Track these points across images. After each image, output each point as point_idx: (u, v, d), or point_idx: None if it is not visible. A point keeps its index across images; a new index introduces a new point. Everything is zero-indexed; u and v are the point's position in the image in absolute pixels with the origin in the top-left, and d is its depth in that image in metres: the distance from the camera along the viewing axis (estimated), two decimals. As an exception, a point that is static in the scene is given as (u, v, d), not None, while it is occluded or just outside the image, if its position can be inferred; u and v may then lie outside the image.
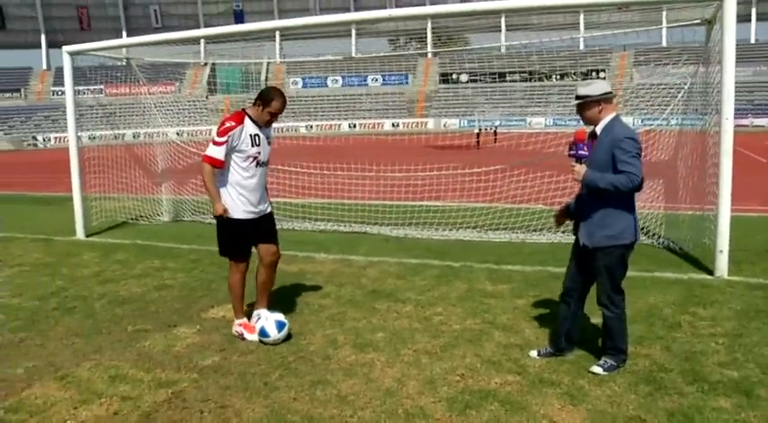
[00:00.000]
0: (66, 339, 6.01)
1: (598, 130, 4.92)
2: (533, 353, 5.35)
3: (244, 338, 5.89)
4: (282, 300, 7.05)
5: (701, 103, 9.03)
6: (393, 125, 66.28)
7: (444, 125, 64.31)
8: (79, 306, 7.09)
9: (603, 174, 4.73)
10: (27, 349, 5.79)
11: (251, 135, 5.77)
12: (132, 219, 12.78)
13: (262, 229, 6.03)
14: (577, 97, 4.94)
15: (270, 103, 5.77)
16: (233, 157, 5.78)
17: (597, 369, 4.95)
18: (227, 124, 5.70)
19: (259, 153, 5.85)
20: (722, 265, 7.83)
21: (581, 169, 4.82)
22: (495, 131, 40.83)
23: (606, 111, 4.89)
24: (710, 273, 7.87)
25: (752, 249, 8.92)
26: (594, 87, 4.90)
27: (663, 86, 10.67)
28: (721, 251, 7.84)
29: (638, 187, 4.67)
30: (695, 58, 9.43)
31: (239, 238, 5.93)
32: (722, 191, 7.90)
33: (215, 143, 5.70)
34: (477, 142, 37.21)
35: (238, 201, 5.83)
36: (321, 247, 9.79)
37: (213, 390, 4.81)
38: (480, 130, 41.88)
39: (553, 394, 4.61)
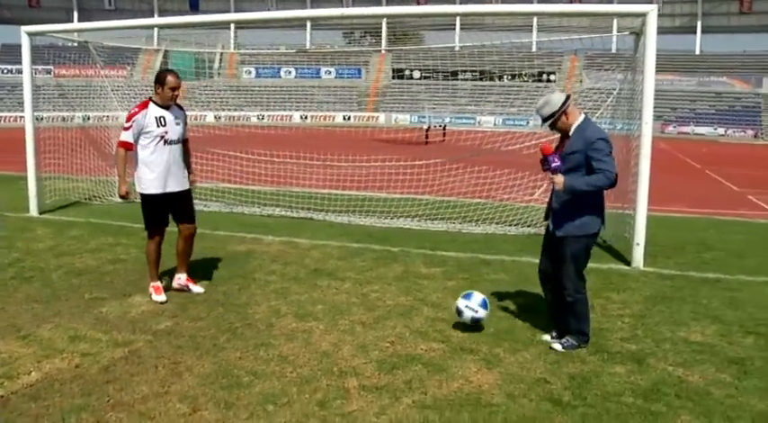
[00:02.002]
0: (26, 304, 6.40)
1: (570, 132, 5.32)
2: (546, 337, 5.66)
3: (152, 298, 6.62)
4: (231, 275, 7.57)
5: (628, 109, 9.72)
6: (345, 118, 66.41)
7: (395, 120, 64.81)
8: (37, 276, 7.45)
9: (583, 177, 5.17)
10: (-12, 312, 6.17)
11: (156, 117, 6.49)
12: (85, 199, 12.99)
13: (178, 206, 6.77)
14: (546, 119, 5.32)
15: (164, 80, 6.51)
16: (143, 138, 6.49)
17: (557, 346, 5.43)
18: (132, 111, 6.53)
19: (166, 132, 6.55)
20: (638, 256, 8.55)
21: (560, 179, 5.20)
22: (444, 128, 41.35)
23: (572, 115, 5.30)
24: (628, 263, 8.58)
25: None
26: (552, 103, 5.28)
27: (594, 91, 11.36)
28: (638, 244, 8.56)
29: (614, 183, 5.16)
30: (625, 67, 10.13)
31: (153, 212, 6.65)
32: (640, 189, 8.63)
33: (124, 129, 6.53)
34: (426, 137, 37.81)
35: (151, 177, 6.53)
36: (269, 230, 10.26)
37: (167, 349, 5.31)
38: (429, 126, 42.40)
39: (471, 360, 5.22)
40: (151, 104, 6.52)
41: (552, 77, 68.18)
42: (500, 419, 4.22)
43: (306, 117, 65.86)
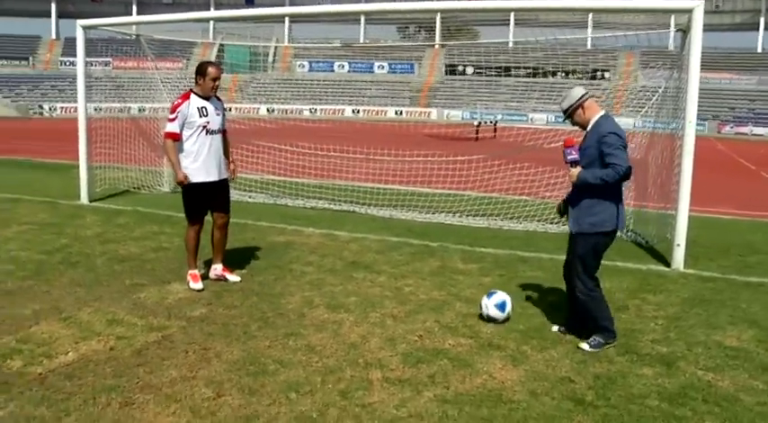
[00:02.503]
0: (70, 288, 6.66)
1: (588, 128, 5.43)
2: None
3: (189, 286, 6.78)
4: (268, 265, 7.71)
5: (673, 108, 9.55)
6: (397, 113, 66.43)
7: (447, 116, 64.56)
8: (82, 261, 7.73)
9: (593, 171, 5.23)
10: (34, 295, 6.43)
11: (198, 107, 6.68)
12: (134, 188, 13.35)
13: (217, 195, 6.94)
14: (564, 112, 5.50)
15: (206, 71, 6.69)
16: (186, 128, 6.67)
17: (585, 346, 5.42)
18: (176, 102, 6.71)
19: (208, 122, 6.73)
20: (679, 257, 8.38)
21: (574, 172, 5.33)
22: (494, 125, 41.10)
23: (590, 111, 5.41)
24: (668, 265, 8.42)
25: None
26: (570, 98, 5.44)
27: (640, 88, 11.18)
28: (678, 245, 8.40)
29: (626, 176, 5.17)
30: (671, 64, 9.95)
31: (194, 200, 6.83)
32: (682, 189, 8.48)
33: (170, 120, 6.69)
34: (477, 133, 37.63)
35: (194, 166, 6.72)
36: (310, 222, 10.39)
37: (198, 335, 5.46)
38: (480, 123, 42.12)
39: (498, 356, 5.23)
40: (193, 95, 6.70)
41: (606, 75, 67.18)
42: (519, 416, 4.23)
43: (358, 111, 66.07)
